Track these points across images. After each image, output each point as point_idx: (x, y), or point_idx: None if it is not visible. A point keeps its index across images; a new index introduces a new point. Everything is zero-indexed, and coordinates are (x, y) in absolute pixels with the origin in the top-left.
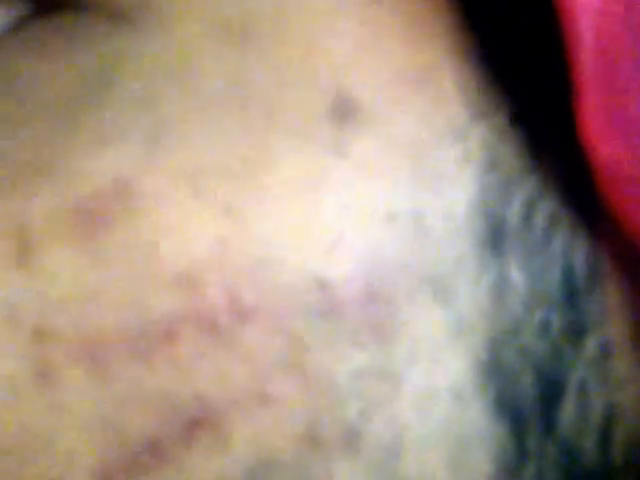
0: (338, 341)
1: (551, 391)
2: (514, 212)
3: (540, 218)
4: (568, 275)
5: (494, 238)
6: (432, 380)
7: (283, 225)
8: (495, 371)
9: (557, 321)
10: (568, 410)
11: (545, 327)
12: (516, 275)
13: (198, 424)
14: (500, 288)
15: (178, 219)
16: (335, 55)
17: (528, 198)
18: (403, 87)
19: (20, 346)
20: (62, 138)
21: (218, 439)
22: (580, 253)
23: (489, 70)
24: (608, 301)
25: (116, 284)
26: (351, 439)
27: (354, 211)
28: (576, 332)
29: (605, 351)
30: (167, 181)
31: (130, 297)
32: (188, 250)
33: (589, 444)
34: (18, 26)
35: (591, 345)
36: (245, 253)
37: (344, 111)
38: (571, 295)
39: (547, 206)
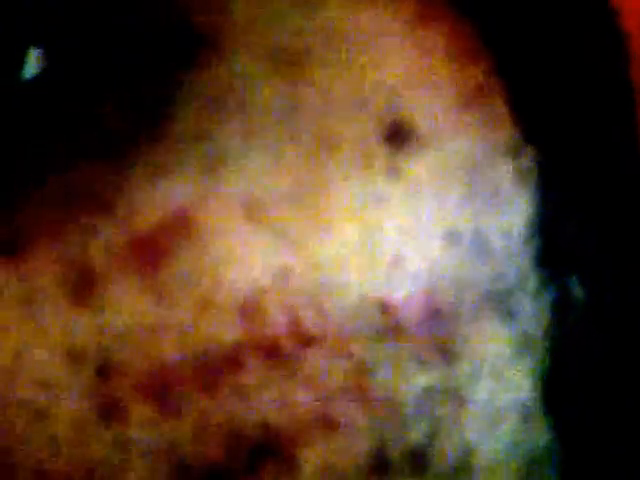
0: (402, 362)
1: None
2: (572, 229)
3: (597, 236)
4: (629, 292)
5: (553, 255)
6: (498, 398)
7: (343, 249)
8: (560, 388)
9: (623, 337)
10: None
11: (609, 344)
12: (577, 291)
13: (264, 453)
14: (561, 304)
15: (238, 248)
16: (386, 79)
17: (585, 216)
18: (455, 108)
19: (84, 383)
20: (119, 172)
21: (285, 467)
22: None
23: (539, 89)
24: None
25: (180, 315)
26: (418, 461)
27: (413, 232)
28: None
29: None
30: (226, 210)
31: (194, 328)
32: (250, 278)
33: None
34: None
35: None
36: (306, 278)
37: (398, 134)
38: (634, 312)
39: (604, 224)
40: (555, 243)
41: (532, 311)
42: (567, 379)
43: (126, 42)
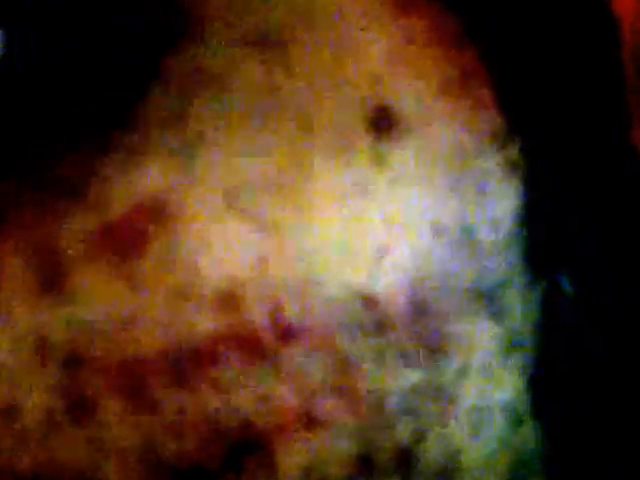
0: (387, 358)
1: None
2: (562, 224)
3: (590, 231)
4: (623, 289)
5: (543, 250)
6: (485, 397)
7: (325, 239)
8: (549, 387)
9: (613, 334)
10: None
11: (602, 339)
12: (566, 287)
13: (243, 450)
14: (550, 300)
15: (216, 236)
16: (369, 66)
17: (576, 211)
18: (441, 95)
19: (53, 377)
20: (92, 157)
21: (265, 466)
22: (633, 267)
23: (526, 78)
24: None
25: (154, 306)
26: (403, 461)
27: (398, 223)
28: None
29: None
30: (202, 197)
31: (169, 319)
32: (228, 268)
33: None
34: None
35: None
36: (287, 270)
37: (382, 120)
38: (626, 311)
39: (596, 220)
40: (546, 237)
41: (521, 307)
42: (556, 378)
43: (103, 26)
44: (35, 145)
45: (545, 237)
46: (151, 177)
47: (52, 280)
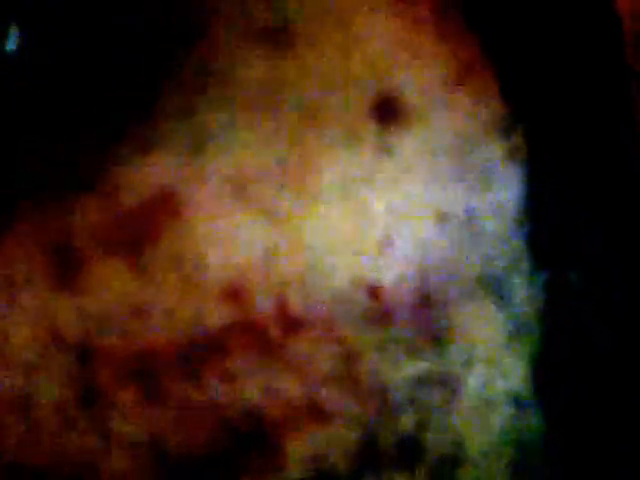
0: (392, 348)
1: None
2: (565, 212)
3: (593, 221)
4: (629, 275)
5: (548, 237)
6: (490, 386)
7: (330, 230)
8: (554, 373)
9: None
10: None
11: (606, 327)
12: (572, 274)
13: (249, 441)
14: (556, 287)
15: (224, 228)
16: (374, 55)
17: (580, 198)
18: (444, 84)
19: (66, 368)
20: (104, 150)
21: (271, 457)
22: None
23: (530, 68)
24: None
25: (164, 298)
26: (409, 451)
27: (403, 212)
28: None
29: None
30: (212, 189)
31: (178, 311)
32: (235, 260)
33: None
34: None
35: None
36: (292, 261)
37: (387, 110)
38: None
39: (600, 209)
40: (551, 225)
41: (525, 294)
42: (559, 365)
43: (116, 27)
44: (47, 139)
45: (549, 224)
46: (161, 169)
47: (65, 273)
